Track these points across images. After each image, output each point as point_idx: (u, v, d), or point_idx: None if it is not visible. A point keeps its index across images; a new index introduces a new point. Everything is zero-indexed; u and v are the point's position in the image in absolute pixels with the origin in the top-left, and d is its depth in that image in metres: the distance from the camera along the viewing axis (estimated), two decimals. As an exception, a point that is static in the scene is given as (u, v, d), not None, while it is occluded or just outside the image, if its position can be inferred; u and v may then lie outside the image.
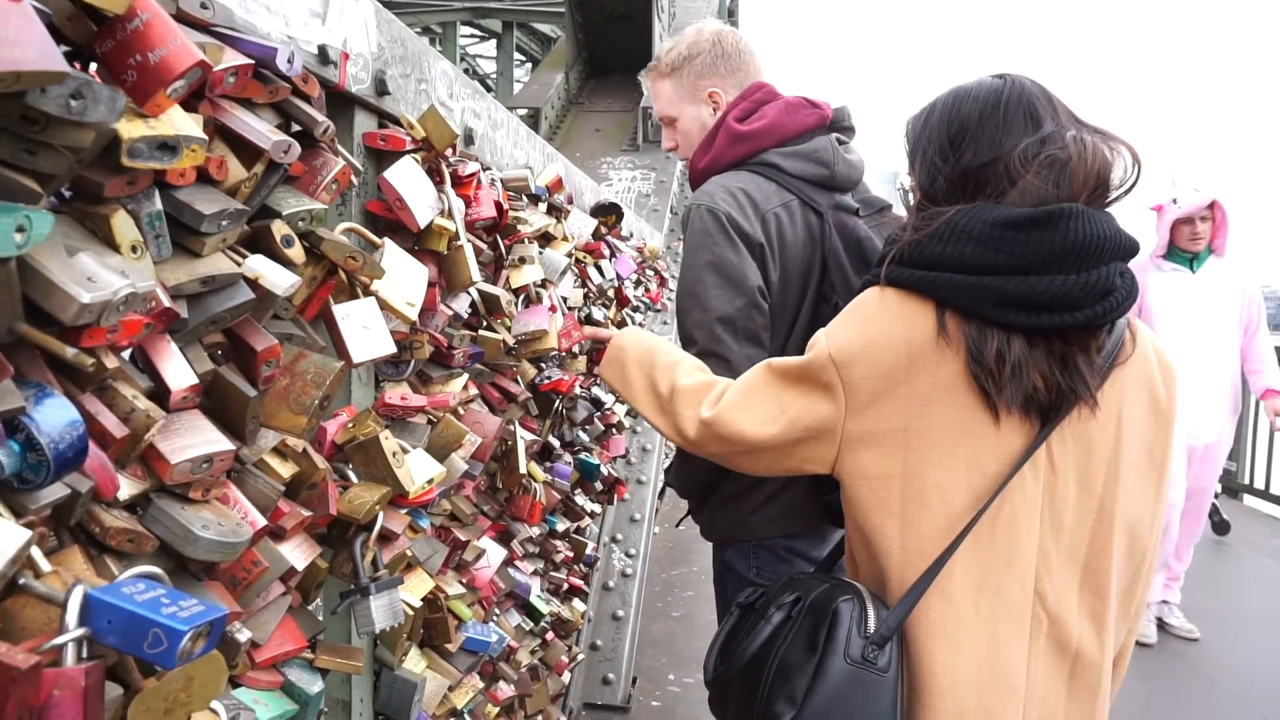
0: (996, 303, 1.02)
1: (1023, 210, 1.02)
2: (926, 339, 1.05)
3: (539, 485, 1.70)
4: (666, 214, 5.98)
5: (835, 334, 1.12)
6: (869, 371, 1.07)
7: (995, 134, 1.07)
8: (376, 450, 1.00)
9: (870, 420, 1.08)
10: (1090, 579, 1.11)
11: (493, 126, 1.66)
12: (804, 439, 1.13)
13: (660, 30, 7.58)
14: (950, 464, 1.05)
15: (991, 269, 1.02)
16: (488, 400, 1.62)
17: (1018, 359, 1.02)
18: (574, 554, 2.47)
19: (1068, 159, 1.04)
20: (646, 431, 4.96)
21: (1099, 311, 1.02)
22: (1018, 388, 1.02)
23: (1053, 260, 1.00)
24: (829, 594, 1.10)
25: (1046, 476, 1.07)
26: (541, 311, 1.64)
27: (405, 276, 1.03)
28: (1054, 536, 1.09)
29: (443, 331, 1.28)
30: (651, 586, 5.50)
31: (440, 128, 1.16)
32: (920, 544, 1.07)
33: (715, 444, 1.21)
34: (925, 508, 1.07)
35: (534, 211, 1.77)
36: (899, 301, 1.08)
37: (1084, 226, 1.00)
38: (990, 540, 1.07)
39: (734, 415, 1.18)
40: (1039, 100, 1.09)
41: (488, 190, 1.34)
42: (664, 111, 1.88)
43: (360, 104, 1.12)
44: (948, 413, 1.05)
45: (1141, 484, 1.13)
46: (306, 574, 0.94)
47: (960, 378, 1.04)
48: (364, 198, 1.14)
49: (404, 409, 1.15)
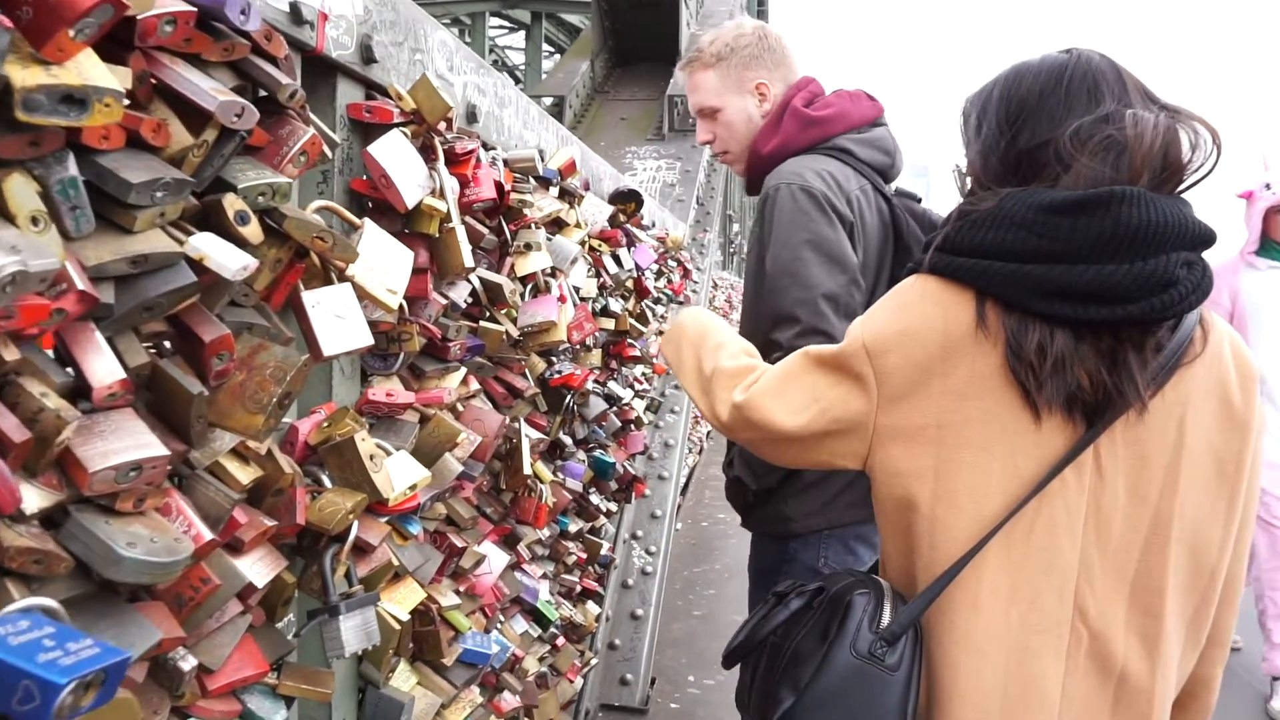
0: (1039, 292, 0.95)
1: (1070, 193, 0.95)
2: (965, 330, 0.99)
3: (546, 486, 1.60)
4: (691, 204, 5.86)
5: (870, 322, 1.07)
6: (903, 362, 1.01)
7: (1055, 113, 1.01)
8: (352, 453, 0.90)
9: (903, 414, 1.03)
10: (1141, 597, 1.02)
11: (500, 104, 1.55)
12: (834, 431, 1.08)
13: (687, 17, 7.45)
14: (984, 464, 0.99)
15: (1035, 256, 0.95)
16: (491, 396, 1.52)
17: (1061, 354, 0.95)
18: (588, 555, 2.38)
19: (1125, 139, 0.96)
20: (669, 426, 4.87)
21: (1156, 305, 0.93)
22: (1060, 385, 0.95)
23: (1102, 247, 0.93)
24: (848, 586, 1.07)
25: (1093, 482, 1.00)
26: (550, 302, 1.54)
27: (387, 261, 0.93)
28: (1099, 547, 1.01)
29: (436, 322, 1.18)
30: (672, 584, 5.40)
31: (432, 99, 1.06)
32: (949, 546, 1.01)
33: (745, 429, 1.16)
34: (956, 509, 1.01)
35: (544, 196, 1.66)
36: (939, 290, 1.02)
37: (1139, 211, 0.92)
38: (1025, 546, 1.00)
39: (765, 401, 1.12)
40: (1106, 76, 1.01)
41: (488, 170, 1.23)
42: (706, 103, 1.85)
43: (343, 72, 1.02)
44: (984, 409, 0.99)
45: (1208, 498, 1.03)
46: (271, 590, 0.84)
47: (999, 372, 0.98)
48: (348, 175, 1.04)
49: (390, 406, 1.05)
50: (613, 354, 2.52)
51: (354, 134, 1.06)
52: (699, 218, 6.45)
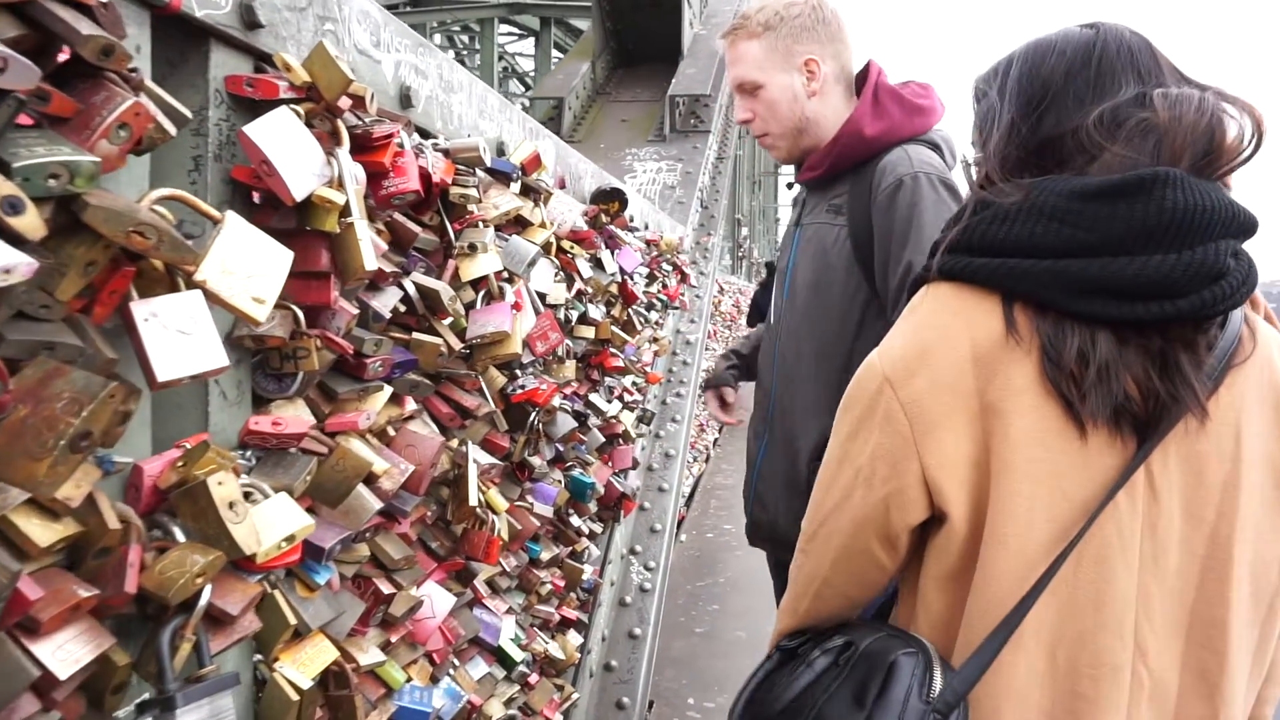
0: (1077, 290, 0.85)
1: (1106, 177, 0.86)
2: (993, 339, 0.89)
3: (500, 517, 1.43)
4: (693, 207, 5.68)
5: (887, 350, 0.96)
6: (932, 385, 0.91)
7: (1084, 95, 0.91)
8: (205, 500, 0.73)
9: (943, 446, 0.91)
10: (1201, 630, 0.92)
11: (446, 89, 1.38)
12: (893, 494, 0.95)
13: (690, 17, 7.27)
14: (1029, 489, 0.88)
15: (1069, 250, 0.86)
16: (436, 417, 1.35)
17: (1105, 360, 0.86)
18: (566, 582, 2.20)
19: (1161, 122, 0.86)
20: (670, 436, 4.69)
21: (1207, 299, 0.84)
22: (1105, 396, 0.86)
23: (1146, 236, 0.83)
24: (885, 644, 0.95)
25: (1146, 504, 0.89)
26: (502, 310, 1.37)
27: (255, 263, 0.76)
28: (1156, 577, 0.91)
29: (348, 335, 1.01)
30: (673, 599, 5.22)
31: (329, 71, 0.89)
32: (993, 586, 0.90)
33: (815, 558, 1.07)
34: (999, 543, 0.89)
35: (502, 192, 1.49)
36: (956, 297, 0.93)
37: (1184, 194, 0.83)
38: (1074, 579, 0.89)
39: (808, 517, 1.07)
40: (1140, 55, 0.92)
41: (411, 159, 1.06)
42: (748, 76, 1.70)
43: (219, 37, 0.85)
44: (1024, 426, 0.88)
45: (1266, 514, 0.93)
46: (95, 675, 0.67)
47: (1036, 383, 0.88)
48: (226, 161, 0.87)
49: (279, 437, 0.88)
50: (594, 364, 2.34)
51: (237, 113, 0.89)
52: (702, 221, 6.27)
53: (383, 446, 1.16)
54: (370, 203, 1.06)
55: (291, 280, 0.94)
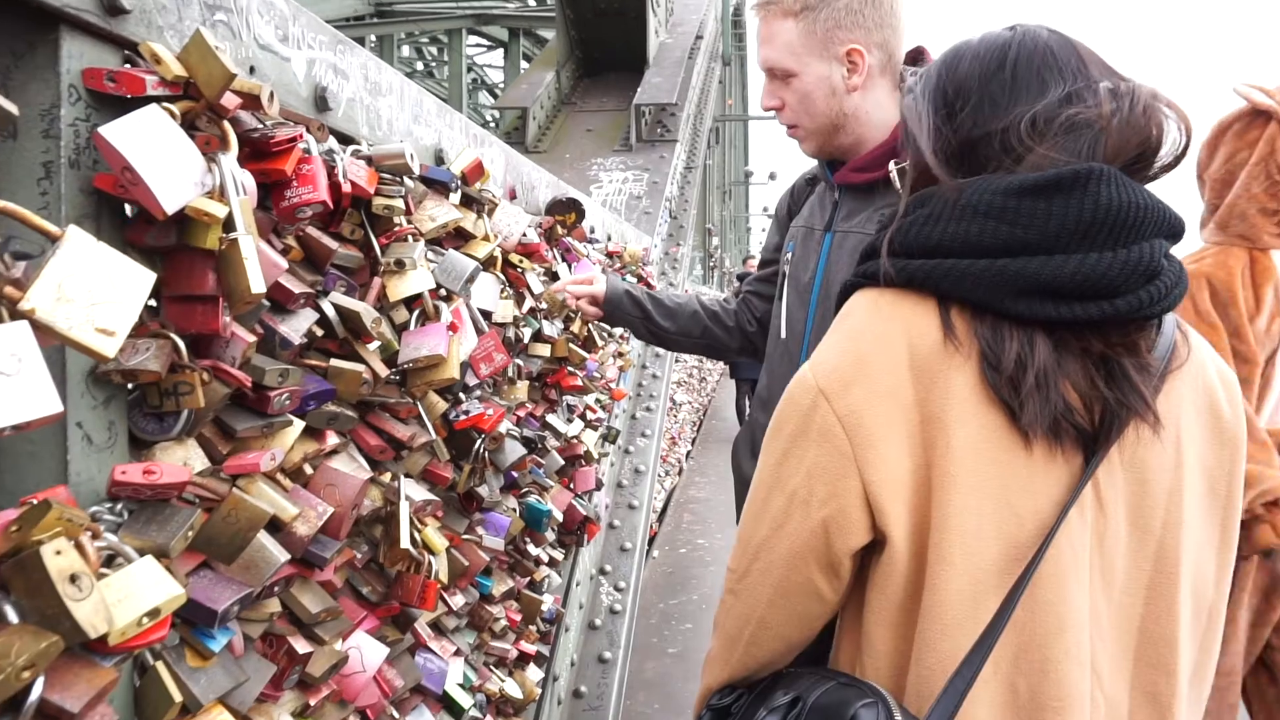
0: (1015, 291, 0.82)
1: (1042, 173, 0.83)
2: (931, 345, 0.85)
3: (438, 557, 1.30)
4: (661, 217, 5.59)
5: (820, 361, 0.91)
6: (870, 395, 0.86)
7: (1000, 98, 0.89)
8: (40, 573, 0.60)
9: (888, 458, 0.86)
10: (1150, 648, 0.88)
11: (372, 91, 1.27)
12: (832, 517, 0.89)
13: (655, 25, 7.20)
14: (975, 503, 0.83)
15: (1008, 248, 0.83)
16: (365, 451, 1.23)
17: (1043, 365, 0.82)
18: (524, 615, 2.07)
19: (1099, 118, 0.84)
20: (640, 451, 4.59)
21: (1144, 299, 0.82)
22: (1043, 405, 0.82)
23: (1083, 233, 0.81)
24: (839, 695, 0.86)
25: (1094, 515, 0.86)
26: (437, 331, 1.25)
27: (101, 287, 0.64)
28: (1105, 594, 0.87)
29: (246, 365, 0.89)
30: (645, 619, 5.10)
31: (208, 63, 0.77)
32: (943, 612, 0.84)
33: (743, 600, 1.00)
34: (946, 564, 0.84)
35: (439, 203, 1.37)
36: (891, 302, 0.89)
37: (1117, 190, 0.81)
38: (1030, 602, 0.83)
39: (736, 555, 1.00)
40: (1058, 54, 0.90)
41: (320, 166, 0.94)
42: (779, 62, 1.51)
43: (72, 24, 0.73)
44: (967, 436, 0.83)
45: (1203, 524, 0.92)
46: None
47: (977, 390, 0.84)
48: (85, 168, 0.75)
49: (152, 489, 0.75)
50: (551, 384, 2.22)
51: (100, 112, 0.76)
52: (671, 231, 6.18)
53: (297, 488, 1.03)
54: (272, 216, 0.94)
55: (173, 305, 0.82)
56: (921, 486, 0.86)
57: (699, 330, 2.03)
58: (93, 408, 0.77)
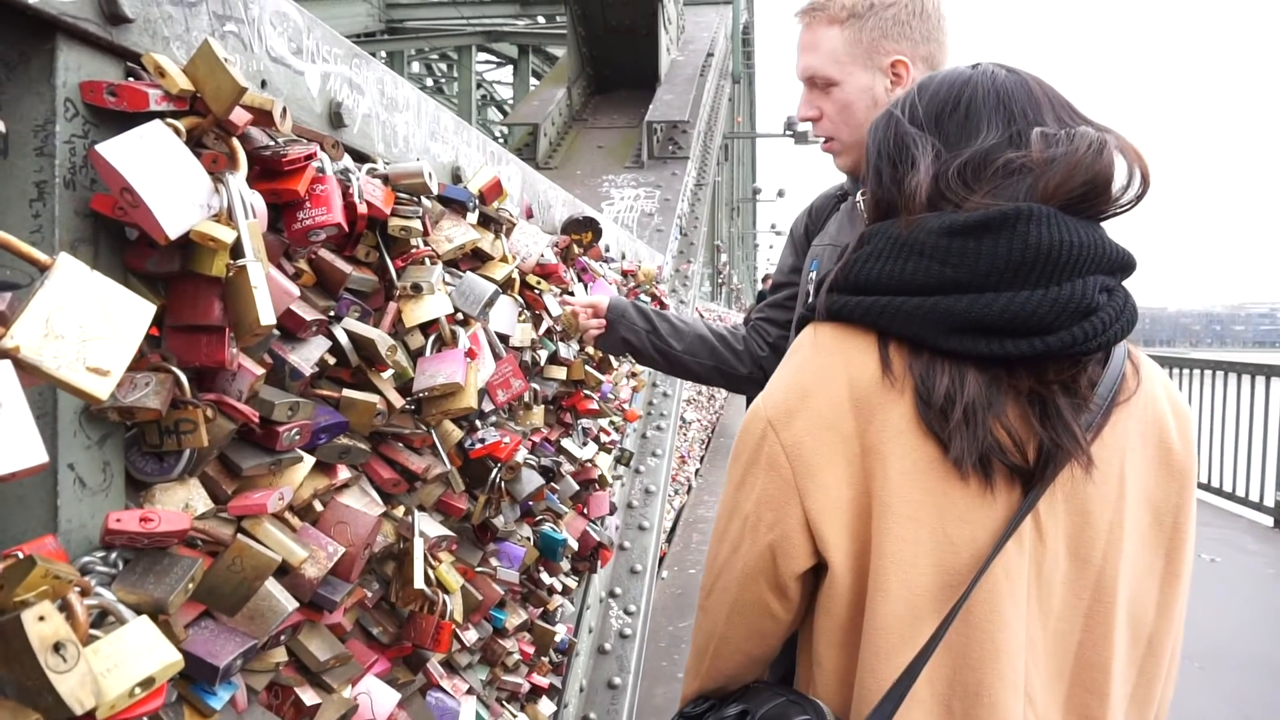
0: (946, 327, 0.85)
1: (972, 214, 0.85)
2: (870, 379, 0.89)
3: (452, 596, 1.24)
4: (672, 234, 5.54)
5: (770, 393, 0.95)
6: (811, 426, 0.90)
7: (955, 138, 0.91)
8: (19, 641, 0.54)
9: (825, 490, 0.89)
10: (1084, 673, 0.91)
11: (389, 107, 1.21)
12: (778, 543, 0.93)
13: (667, 43, 7.18)
14: (911, 532, 0.86)
15: (940, 287, 0.86)
16: (377, 484, 1.16)
17: (971, 400, 0.84)
18: (537, 647, 2.00)
19: (1035, 161, 0.86)
20: (650, 471, 4.52)
21: (1078, 335, 0.83)
22: (970, 441, 0.84)
23: (1012, 272, 0.83)
24: (782, 710, 0.94)
25: (1033, 544, 0.88)
26: (455, 357, 1.18)
27: (94, 321, 0.58)
28: (1041, 621, 0.90)
29: (254, 399, 0.83)
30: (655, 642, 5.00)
31: (216, 76, 0.71)
32: (880, 638, 0.87)
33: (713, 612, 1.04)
34: (883, 592, 0.87)
35: (456, 224, 1.32)
36: (835, 337, 0.93)
37: (1048, 230, 0.83)
38: (965, 629, 0.86)
39: (705, 574, 1.05)
40: (1015, 95, 0.91)
41: (334, 186, 0.88)
42: (822, 70, 1.46)
43: (69, 33, 0.67)
44: (904, 468, 0.87)
45: (1145, 554, 0.94)
46: None
47: (913, 423, 0.87)
48: (82, 189, 0.69)
49: (149, 537, 0.69)
50: (566, 407, 2.16)
51: (100, 129, 0.71)
52: (682, 248, 6.13)
53: (306, 526, 0.97)
54: (283, 238, 0.88)
55: (176, 335, 0.76)
56: (862, 514, 0.89)
57: (707, 352, 1.93)
58: (86, 448, 0.70)
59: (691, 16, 8.88)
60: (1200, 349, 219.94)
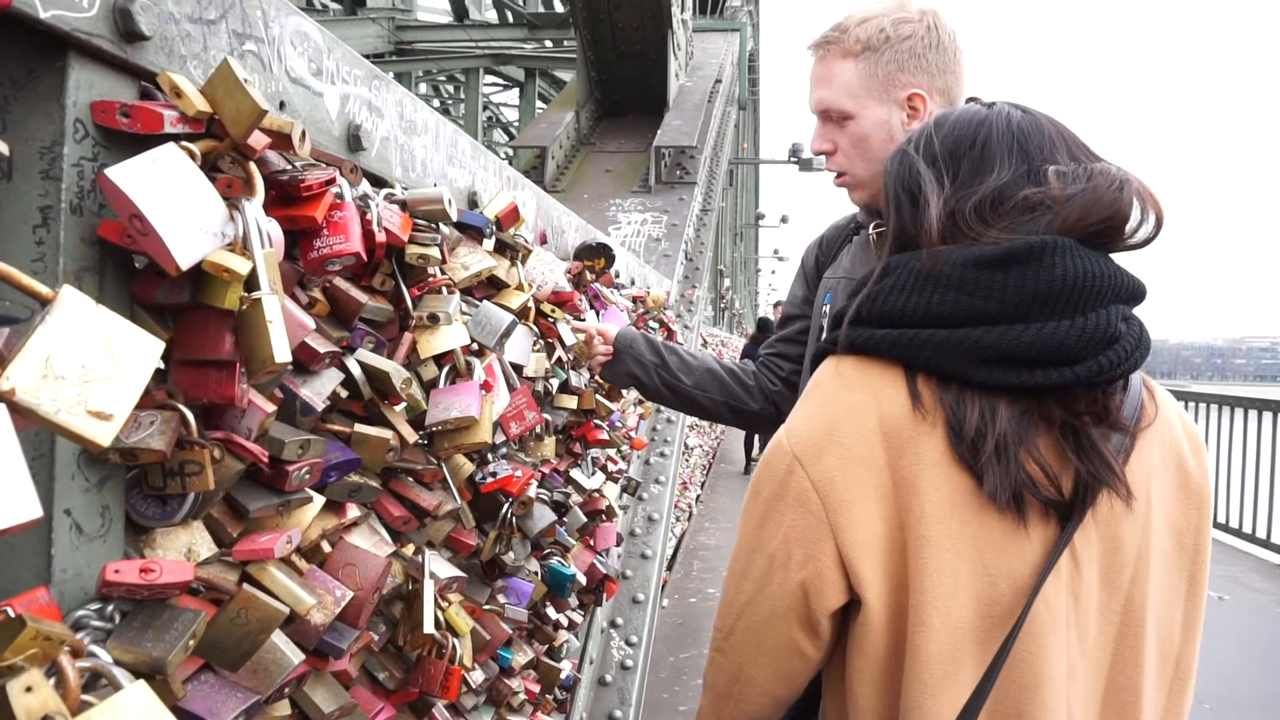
0: (976, 359, 0.85)
1: (998, 246, 0.86)
2: (900, 413, 0.88)
3: (462, 640, 1.18)
4: (679, 260, 5.51)
5: (794, 428, 0.94)
6: (842, 461, 0.89)
7: (970, 177, 0.92)
8: (5, 715, 0.49)
9: (862, 523, 0.88)
10: (1115, 697, 0.92)
11: (407, 130, 1.17)
12: (811, 580, 0.91)
13: (675, 69, 7.20)
14: (950, 565, 0.86)
15: (968, 319, 0.86)
16: (385, 522, 1.11)
17: (1003, 433, 0.84)
18: (542, 686, 1.94)
19: (1050, 199, 0.87)
20: (654, 498, 4.46)
21: (1104, 364, 0.84)
22: (1004, 475, 0.84)
23: (1040, 303, 0.84)
24: None
25: (1069, 573, 0.88)
26: (470, 390, 1.14)
27: (98, 360, 0.53)
28: (1080, 649, 0.90)
29: (263, 437, 0.78)
30: (655, 674, 4.91)
31: (235, 98, 0.67)
32: (923, 673, 0.86)
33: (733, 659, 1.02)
34: (925, 627, 0.86)
35: (472, 250, 1.28)
36: (859, 372, 0.92)
37: (1073, 261, 0.84)
38: (1008, 658, 0.85)
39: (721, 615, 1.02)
40: (1030, 134, 0.92)
41: (353, 212, 0.84)
42: (836, 103, 1.43)
43: (82, 50, 0.63)
44: (939, 500, 0.86)
45: (1170, 577, 0.95)
46: None
47: (946, 455, 0.86)
48: (89, 215, 0.65)
49: (150, 589, 0.64)
50: (576, 437, 2.11)
51: (111, 151, 0.66)
52: (687, 273, 6.10)
53: (313, 569, 0.92)
54: (298, 267, 0.84)
55: (183, 370, 0.72)
56: (895, 548, 0.88)
57: (717, 386, 1.86)
58: (84, 491, 0.66)
59: (700, 43, 8.91)
60: (1201, 382, 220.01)
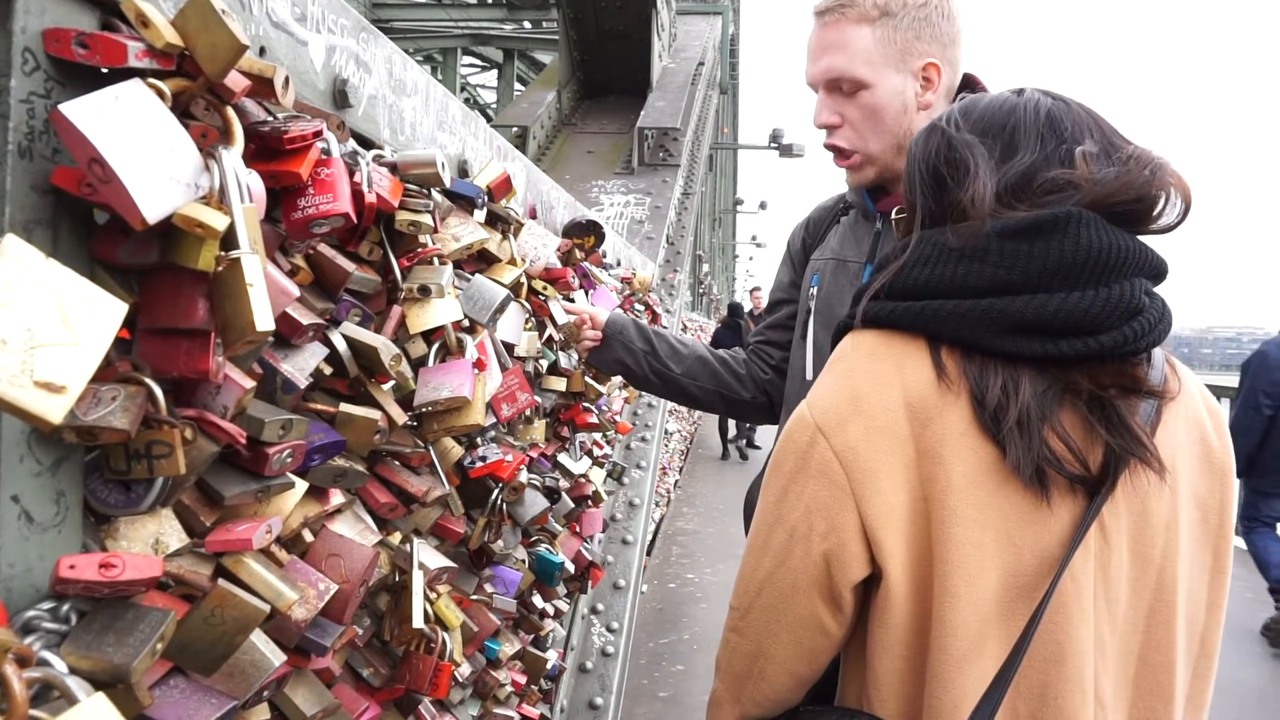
0: (1000, 329, 0.85)
1: (1025, 215, 0.86)
2: (924, 383, 0.88)
3: (452, 634, 1.11)
4: (661, 243, 5.44)
5: (817, 399, 0.93)
6: (866, 431, 0.88)
7: (1000, 160, 0.91)
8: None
9: (885, 493, 0.88)
10: (1149, 675, 0.91)
11: (397, 90, 1.09)
12: (833, 550, 0.90)
13: (659, 49, 7.08)
14: (976, 535, 0.85)
15: (992, 289, 0.86)
16: (370, 508, 1.04)
17: (1025, 405, 0.83)
18: (528, 677, 1.87)
19: (1075, 180, 0.86)
20: (634, 483, 4.40)
21: (1129, 335, 0.84)
22: (1026, 450, 0.83)
23: (1065, 273, 0.84)
24: None
25: (1098, 546, 0.88)
26: (462, 368, 1.06)
27: (51, 324, 0.45)
28: (1110, 623, 0.89)
29: (240, 415, 0.70)
30: (636, 660, 4.86)
31: (211, 31, 0.59)
32: (950, 645, 0.85)
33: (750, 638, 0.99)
34: (950, 597, 0.85)
35: (464, 221, 1.20)
36: (883, 343, 0.92)
37: (1097, 233, 0.84)
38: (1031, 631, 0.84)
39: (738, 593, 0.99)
40: (1060, 119, 0.91)
41: (342, 171, 0.76)
42: (850, 71, 1.34)
43: (31, -30, 0.55)
44: (965, 470, 0.85)
45: (1197, 550, 0.94)
46: None
47: (972, 426, 0.86)
48: (41, 160, 0.57)
49: (110, 586, 0.56)
50: (564, 420, 2.04)
51: (67, 87, 0.58)
52: (669, 257, 6.03)
53: (294, 560, 0.85)
54: (280, 229, 0.76)
55: (150, 340, 0.64)
56: (919, 520, 0.88)
57: (708, 375, 1.81)
58: (35, 475, 0.58)
59: (683, 25, 8.80)
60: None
